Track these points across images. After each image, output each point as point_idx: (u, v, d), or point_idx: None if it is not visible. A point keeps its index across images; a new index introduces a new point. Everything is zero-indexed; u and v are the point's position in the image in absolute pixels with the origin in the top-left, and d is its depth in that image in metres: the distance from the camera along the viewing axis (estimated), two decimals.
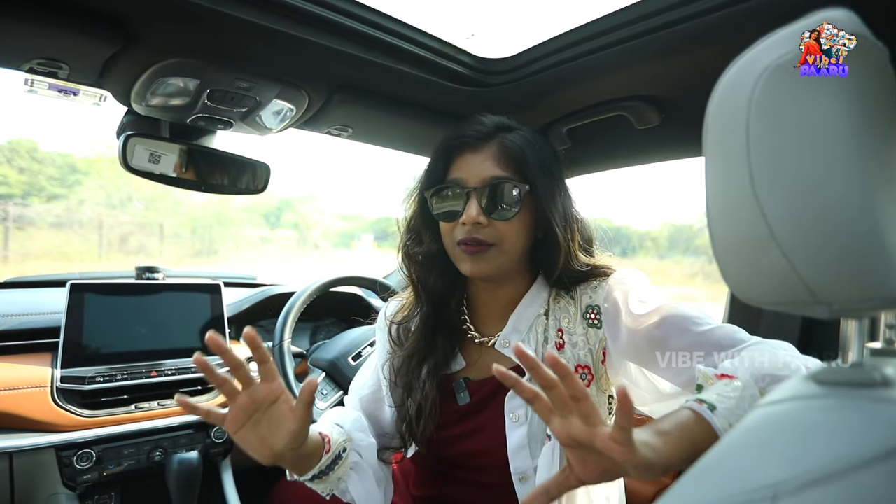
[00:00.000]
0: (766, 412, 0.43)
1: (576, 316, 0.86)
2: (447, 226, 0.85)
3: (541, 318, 0.88)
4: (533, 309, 0.89)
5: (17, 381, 1.14)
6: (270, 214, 14.13)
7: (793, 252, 0.41)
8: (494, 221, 0.81)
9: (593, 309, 0.85)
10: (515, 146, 0.83)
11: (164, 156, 1.07)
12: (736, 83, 0.45)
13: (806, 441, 0.38)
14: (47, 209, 8.82)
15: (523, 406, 0.82)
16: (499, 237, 0.82)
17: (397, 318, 0.96)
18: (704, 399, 0.60)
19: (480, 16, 0.98)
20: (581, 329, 0.85)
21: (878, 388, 0.39)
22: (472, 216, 0.79)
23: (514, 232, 0.82)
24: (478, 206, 0.80)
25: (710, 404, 0.59)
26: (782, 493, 0.35)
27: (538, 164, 0.83)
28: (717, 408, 0.59)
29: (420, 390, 0.88)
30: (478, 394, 0.88)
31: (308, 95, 1.00)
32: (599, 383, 0.85)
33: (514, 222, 0.82)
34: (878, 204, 0.40)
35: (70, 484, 1.15)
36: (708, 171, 0.48)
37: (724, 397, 0.60)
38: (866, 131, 0.41)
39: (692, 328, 0.76)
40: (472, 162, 0.83)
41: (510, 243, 0.82)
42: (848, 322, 0.44)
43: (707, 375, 0.66)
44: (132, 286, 1.36)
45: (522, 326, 0.88)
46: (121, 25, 0.76)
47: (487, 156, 0.83)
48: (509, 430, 0.83)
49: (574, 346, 0.84)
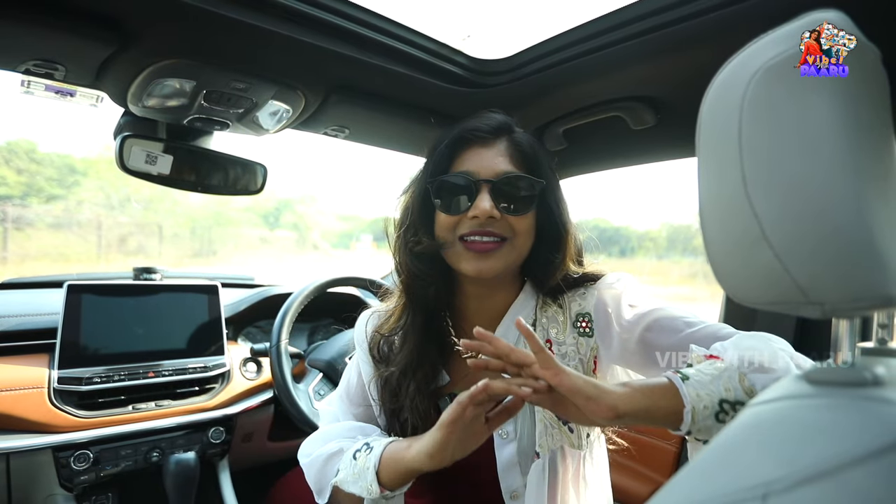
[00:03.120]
0: (758, 411, 0.43)
1: (565, 325, 0.83)
2: (449, 220, 0.80)
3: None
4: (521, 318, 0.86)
5: (15, 382, 1.14)
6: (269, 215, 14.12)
7: (785, 252, 0.42)
8: (507, 217, 0.78)
9: (584, 317, 0.82)
10: (526, 144, 0.82)
11: (160, 157, 1.07)
12: (729, 84, 0.45)
13: (797, 440, 0.38)
14: (46, 210, 8.80)
15: (512, 422, 0.80)
16: (511, 232, 0.79)
17: (383, 330, 0.89)
18: (681, 371, 0.62)
19: (477, 17, 0.98)
20: (571, 339, 0.82)
21: (870, 388, 0.39)
22: (486, 209, 0.75)
23: (526, 229, 0.79)
24: (490, 199, 0.76)
25: (683, 375, 0.61)
26: (773, 492, 0.35)
27: (547, 164, 0.83)
28: (690, 378, 0.60)
29: (410, 409, 0.81)
30: None
31: (304, 96, 1.00)
32: None
33: (527, 219, 0.79)
34: (869, 204, 0.40)
35: (67, 485, 1.15)
36: (700, 171, 0.48)
37: (701, 372, 0.61)
38: (859, 132, 0.41)
39: (685, 329, 0.75)
40: (485, 156, 0.80)
41: (522, 240, 0.80)
42: (840, 322, 0.45)
43: (697, 355, 0.67)
44: (130, 287, 1.36)
45: (511, 337, 0.83)
46: (117, 27, 0.76)
47: (499, 151, 0.80)
48: (498, 447, 0.80)
49: (564, 357, 0.81)
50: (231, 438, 1.39)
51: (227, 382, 1.41)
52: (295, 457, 1.55)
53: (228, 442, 1.38)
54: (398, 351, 0.86)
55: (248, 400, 1.44)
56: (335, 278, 1.54)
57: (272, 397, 1.47)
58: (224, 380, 1.41)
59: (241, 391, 1.43)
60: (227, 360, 1.42)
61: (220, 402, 1.37)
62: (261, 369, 1.50)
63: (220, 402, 1.37)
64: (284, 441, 1.57)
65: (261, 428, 1.50)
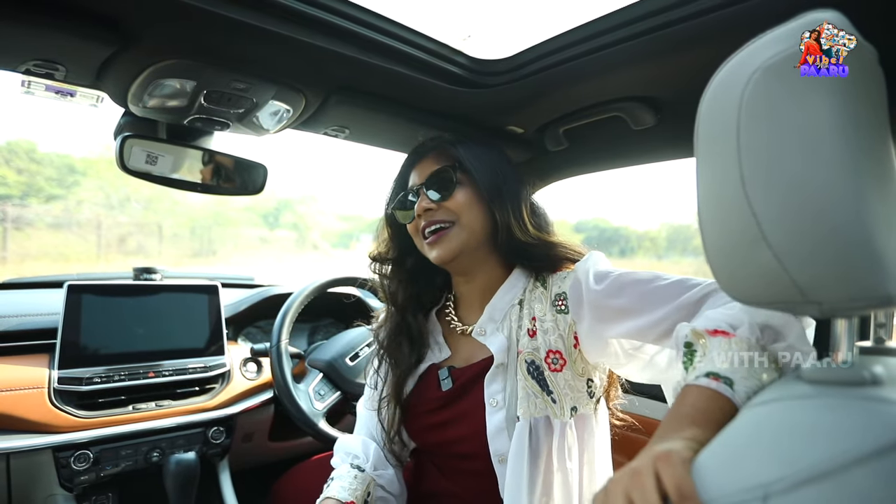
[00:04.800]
0: (757, 412, 0.43)
1: (546, 303, 0.91)
2: (412, 227, 0.95)
3: (515, 308, 0.93)
4: (507, 299, 0.94)
5: (15, 383, 1.14)
6: (269, 215, 14.12)
7: (783, 252, 0.42)
8: (442, 204, 0.91)
9: (560, 296, 0.89)
10: (449, 143, 0.96)
11: (160, 157, 1.07)
12: (727, 83, 0.45)
13: (796, 441, 0.38)
14: (46, 210, 8.80)
15: (501, 391, 0.87)
16: (453, 215, 0.91)
17: (378, 333, 1.05)
18: (717, 372, 0.55)
19: (477, 17, 0.99)
20: (550, 315, 0.89)
21: (868, 387, 0.39)
22: (422, 205, 0.91)
23: (464, 207, 0.90)
24: (425, 197, 0.92)
25: (725, 378, 0.53)
26: (773, 493, 0.35)
27: (472, 154, 0.93)
28: (736, 382, 0.53)
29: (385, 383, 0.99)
30: (459, 379, 0.93)
31: (305, 97, 1.00)
32: (574, 366, 0.88)
33: (460, 198, 0.91)
34: (868, 204, 0.40)
35: (67, 485, 1.15)
36: (699, 171, 0.48)
37: (735, 366, 0.55)
38: (857, 132, 0.41)
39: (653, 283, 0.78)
40: (419, 169, 0.97)
41: (466, 218, 0.90)
42: (838, 321, 0.45)
43: (697, 332, 0.62)
44: (129, 287, 1.36)
45: (497, 315, 0.94)
46: (117, 27, 0.76)
47: (429, 160, 0.96)
48: (489, 414, 0.87)
49: (545, 333, 0.88)
50: (231, 438, 1.39)
51: (228, 382, 1.41)
52: (295, 456, 1.56)
53: (229, 442, 1.38)
54: (384, 342, 1.02)
55: (249, 400, 1.44)
56: (335, 278, 1.54)
57: (272, 397, 1.47)
58: (224, 380, 1.41)
59: (241, 391, 1.43)
60: (227, 360, 1.42)
61: (220, 402, 1.37)
62: (261, 369, 1.50)
63: (221, 402, 1.37)
64: (285, 441, 1.57)
65: (261, 428, 1.50)
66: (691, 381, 0.55)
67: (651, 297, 0.77)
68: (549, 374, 0.86)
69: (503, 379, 0.88)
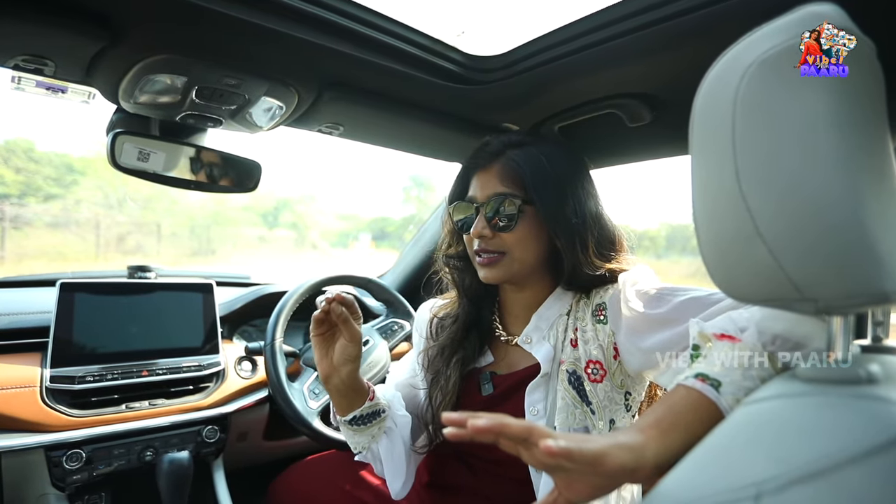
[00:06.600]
0: (751, 410, 0.43)
1: (587, 313, 0.91)
2: (468, 238, 0.94)
3: (562, 318, 0.93)
4: (555, 309, 0.94)
5: (6, 381, 1.13)
6: (268, 214, 14.12)
7: (779, 248, 0.41)
8: (499, 234, 0.89)
9: (601, 306, 0.89)
10: (516, 163, 0.89)
11: (153, 154, 1.06)
12: (722, 78, 0.45)
13: (790, 439, 0.37)
14: (44, 209, 8.79)
15: (542, 400, 0.87)
16: (505, 247, 0.89)
17: (439, 313, 1.06)
18: (706, 374, 0.54)
19: (471, 13, 0.98)
20: (591, 326, 0.89)
21: (864, 385, 0.39)
22: (478, 230, 0.89)
23: (518, 242, 0.88)
24: (483, 220, 0.89)
25: (713, 380, 0.53)
26: (766, 492, 0.34)
27: (540, 178, 0.87)
28: (723, 384, 0.52)
29: (445, 377, 0.96)
30: (501, 386, 0.94)
31: (297, 93, 0.99)
32: (613, 378, 0.87)
33: (517, 234, 0.88)
34: (864, 200, 0.39)
35: (59, 484, 1.14)
36: (694, 167, 0.48)
37: (728, 369, 0.53)
38: (854, 127, 0.41)
39: (691, 294, 0.78)
40: (482, 179, 0.92)
41: (518, 253, 0.89)
42: (834, 319, 0.44)
43: (704, 334, 0.62)
44: (123, 285, 1.36)
45: (543, 325, 0.94)
46: (106, 22, 0.75)
47: (493, 174, 0.91)
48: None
49: (586, 343, 0.88)
50: (226, 437, 1.38)
51: (222, 381, 1.40)
52: (291, 456, 1.55)
53: (223, 441, 1.37)
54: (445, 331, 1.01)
55: (243, 399, 1.43)
56: (331, 276, 1.53)
57: (267, 396, 1.46)
58: (219, 378, 1.40)
59: (235, 390, 1.42)
60: (221, 358, 1.41)
61: (214, 401, 1.36)
62: (256, 368, 1.49)
63: (215, 401, 1.37)
64: (280, 440, 1.56)
65: (256, 427, 1.49)
66: (680, 381, 0.56)
67: (688, 307, 0.76)
68: (589, 385, 0.86)
69: (545, 388, 0.88)
